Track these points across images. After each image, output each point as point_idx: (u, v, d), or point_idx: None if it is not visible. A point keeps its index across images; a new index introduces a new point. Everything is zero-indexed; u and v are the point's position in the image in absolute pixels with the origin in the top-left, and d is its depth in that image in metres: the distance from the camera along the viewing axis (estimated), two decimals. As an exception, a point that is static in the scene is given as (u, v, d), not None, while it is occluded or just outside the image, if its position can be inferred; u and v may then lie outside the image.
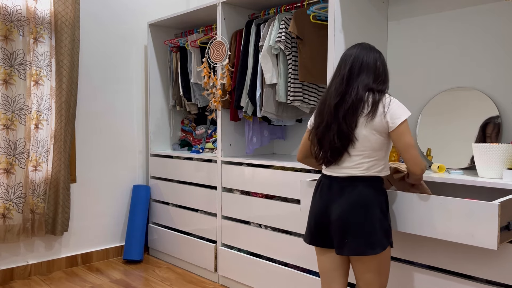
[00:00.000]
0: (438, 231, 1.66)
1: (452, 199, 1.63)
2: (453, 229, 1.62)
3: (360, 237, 1.65)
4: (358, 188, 1.68)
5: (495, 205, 1.51)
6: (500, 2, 2.18)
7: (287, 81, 2.60)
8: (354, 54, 1.74)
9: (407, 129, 1.64)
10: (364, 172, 1.68)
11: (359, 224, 1.65)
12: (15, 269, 3.06)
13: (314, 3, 2.52)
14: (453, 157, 2.25)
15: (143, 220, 3.51)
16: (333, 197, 1.72)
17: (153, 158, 3.60)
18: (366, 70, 1.71)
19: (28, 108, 2.97)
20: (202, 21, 3.42)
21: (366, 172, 1.68)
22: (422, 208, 1.70)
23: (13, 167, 2.94)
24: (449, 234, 1.63)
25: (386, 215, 1.70)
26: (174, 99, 3.61)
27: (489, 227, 1.52)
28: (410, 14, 2.51)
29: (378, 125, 1.65)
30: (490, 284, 1.78)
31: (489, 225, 1.52)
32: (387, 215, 1.71)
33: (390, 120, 1.64)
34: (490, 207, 1.52)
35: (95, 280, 3.08)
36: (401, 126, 1.63)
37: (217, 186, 2.99)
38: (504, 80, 2.17)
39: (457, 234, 1.61)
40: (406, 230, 1.76)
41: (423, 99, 2.46)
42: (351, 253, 1.67)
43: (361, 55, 1.73)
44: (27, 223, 2.99)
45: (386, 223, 1.70)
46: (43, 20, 3.03)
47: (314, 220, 1.78)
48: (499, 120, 2.14)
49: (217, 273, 3.02)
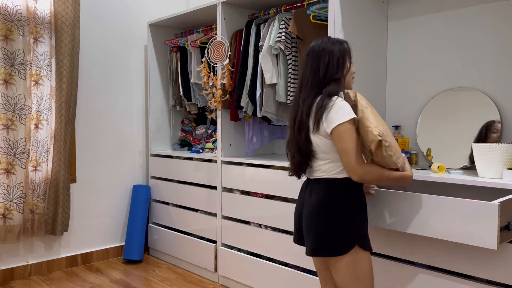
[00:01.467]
0: (438, 231, 1.66)
1: (452, 199, 1.63)
2: (454, 229, 1.62)
3: (315, 238, 1.68)
4: (320, 190, 1.70)
5: (495, 205, 1.52)
6: (500, 2, 2.18)
7: (287, 81, 2.60)
8: (309, 50, 1.74)
9: (344, 134, 1.60)
10: (324, 174, 1.70)
11: (315, 225, 1.68)
12: (15, 269, 3.06)
13: (314, 3, 2.52)
14: (453, 157, 2.25)
15: (143, 220, 3.51)
16: (304, 198, 1.78)
17: (153, 158, 3.60)
18: (316, 71, 1.69)
19: (29, 108, 2.97)
20: (202, 21, 3.42)
21: (326, 174, 1.70)
22: (423, 208, 1.71)
23: (13, 167, 2.94)
24: (449, 234, 1.63)
25: (350, 218, 1.67)
26: (174, 99, 3.61)
27: (489, 227, 1.53)
28: (410, 14, 2.52)
29: (321, 130, 1.65)
30: (490, 284, 1.78)
31: (489, 225, 1.53)
32: (353, 218, 1.67)
33: (326, 125, 1.63)
34: (490, 207, 1.53)
35: (95, 280, 3.08)
36: (335, 131, 1.61)
37: (217, 186, 2.99)
38: (504, 80, 2.17)
39: (457, 234, 1.61)
40: (407, 230, 1.76)
41: (423, 99, 2.46)
42: (307, 253, 1.72)
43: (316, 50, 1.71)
44: (27, 223, 3.00)
45: (350, 225, 1.66)
46: (43, 20, 3.03)
47: (295, 220, 1.85)
48: (499, 121, 2.14)
49: (217, 273, 3.02)
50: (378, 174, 1.65)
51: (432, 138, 2.37)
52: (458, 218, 1.60)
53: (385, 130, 1.63)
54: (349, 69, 1.75)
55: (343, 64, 1.70)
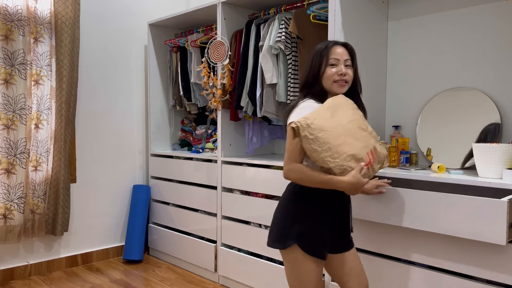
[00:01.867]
0: (447, 227, 1.70)
1: (462, 196, 1.67)
2: (463, 226, 1.66)
3: (269, 230, 1.79)
4: (285, 189, 1.80)
5: (504, 202, 1.57)
6: (500, 2, 2.18)
7: (287, 81, 2.60)
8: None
9: (288, 134, 1.66)
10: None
11: (272, 219, 1.79)
12: (15, 269, 3.06)
13: (314, 3, 2.52)
14: (453, 157, 2.25)
15: (143, 220, 3.51)
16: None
17: (153, 158, 3.60)
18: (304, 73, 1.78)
19: (29, 108, 2.97)
20: (202, 21, 3.42)
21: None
22: (432, 205, 1.73)
23: (14, 167, 2.94)
24: (458, 231, 1.67)
25: (294, 217, 1.70)
26: (174, 99, 3.61)
27: (498, 224, 1.58)
28: (410, 14, 2.52)
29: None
30: (491, 285, 1.78)
31: (498, 221, 1.58)
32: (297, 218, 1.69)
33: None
34: (500, 204, 1.58)
35: (95, 280, 3.08)
36: (288, 130, 1.67)
37: (217, 186, 3.00)
38: (504, 80, 2.18)
39: (466, 231, 1.65)
40: (415, 227, 1.79)
41: (423, 99, 2.47)
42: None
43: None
44: (28, 223, 3.00)
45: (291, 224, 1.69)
46: (43, 20, 3.03)
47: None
48: (499, 122, 2.14)
49: (217, 273, 3.02)
50: (301, 173, 1.63)
51: (432, 138, 2.37)
52: (468, 215, 1.64)
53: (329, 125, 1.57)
54: (323, 72, 1.70)
55: (311, 67, 1.72)
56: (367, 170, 1.61)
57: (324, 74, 1.70)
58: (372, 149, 1.65)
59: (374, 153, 1.66)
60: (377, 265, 2.11)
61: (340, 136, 1.58)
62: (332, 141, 1.56)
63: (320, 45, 1.74)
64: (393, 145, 2.39)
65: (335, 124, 1.59)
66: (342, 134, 1.59)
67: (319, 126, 1.56)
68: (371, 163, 1.63)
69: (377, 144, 1.70)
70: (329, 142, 1.56)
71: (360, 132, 1.64)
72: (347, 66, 1.71)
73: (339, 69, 1.69)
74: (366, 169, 1.61)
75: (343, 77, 1.69)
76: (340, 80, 1.69)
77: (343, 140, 1.59)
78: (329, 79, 1.70)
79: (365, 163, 1.61)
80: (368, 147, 1.64)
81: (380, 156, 1.69)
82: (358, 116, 1.68)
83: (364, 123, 1.69)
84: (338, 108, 1.63)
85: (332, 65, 1.69)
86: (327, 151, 1.56)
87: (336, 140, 1.57)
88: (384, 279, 2.09)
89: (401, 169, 2.19)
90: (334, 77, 1.69)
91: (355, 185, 1.58)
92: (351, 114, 1.65)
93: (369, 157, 1.63)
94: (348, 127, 1.62)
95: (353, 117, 1.65)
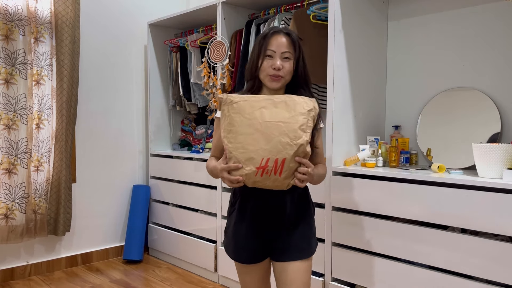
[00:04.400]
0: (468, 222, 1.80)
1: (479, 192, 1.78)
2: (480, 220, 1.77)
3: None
4: None
5: None
6: (500, 2, 2.18)
7: (287, 81, 2.60)
8: None
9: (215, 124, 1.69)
10: None
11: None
12: (15, 269, 3.07)
13: (314, 3, 2.52)
14: (453, 157, 2.25)
15: (143, 220, 3.51)
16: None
17: (153, 158, 3.61)
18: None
19: (30, 108, 2.97)
20: (202, 21, 3.42)
21: None
22: (450, 199, 1.84)
23: (15, 167, 2.94)
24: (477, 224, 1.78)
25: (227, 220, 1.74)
26: (174, 99, 3.62)
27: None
28: (410, 14, 2.52)
29: None
30: (493, 285, 1.78)
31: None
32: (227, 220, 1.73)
33: None
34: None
35: (95, 280, 3.08)
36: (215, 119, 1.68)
37: (217, 186, 3.00)
38: (504, 80, 2.18)
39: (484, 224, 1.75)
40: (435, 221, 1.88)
41: (423, 99, 2.47)
42: None
43: None
44: (30, 224, 3.00)
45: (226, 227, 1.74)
46: (44, 20, 3.03)
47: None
48: (499, 122, 2.15)
49: (217, 273, 3.03)
50: (208, 165, 1.63)
51: (432, 138, 2.37)
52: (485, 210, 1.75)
53: (249, 112, 1.46)
54: (261, 64, 1.55)
55: (251, 58, 1.60)
56: (250, 172, 1.44)
57: (261, 66, 1.56)
58: (280, 159, 1.43)
59: (281, 165, 1.43)
60: (377, 265, 2.11)
61: (250, 127, 1.45)
62: (240, 128, 1.45)
63: (261, 33, 1.59)
64: (393, 145, 2.39)
65: (257, 116, 1.45)
66: (256, 127, 1.44)
67: (240, 110, 1.46)
68: (265, 169, 1.43)
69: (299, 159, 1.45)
70: (236, 126, 1.46)
71: (280, 139, 1.43)
72: (285, 59, 1.55)
73: (273, 63, 1.53)
74: (250, 171, 1.44)
75: (277, 72, 1.53)
76: (273, 75, 1.54)
77: (251, 132, 1.44)
78: (263, 71, 1.56)
79: (256, 166, 1.43)
80: (275, 155, 1.42)
81: (290, 171, 1.45)
82: (294, 123, 1.44)
83: (297, 133, 1.43)
84: (275, 105, 1.47)
85: (269, 56, 1.55)
86: (228, 132, 1.47)
87: (245, 129, 1.45)
88: (385, 279, 2.09)
89: (401, 169, 2.19)
90: (267, 71, 1.55)
91: (212, 171, 1.58)
92: (286, 117, 1.45)
93: (263, 163, 1.43)
94: (268, 125, 1.44)
95: (285, 121, 1.44)
